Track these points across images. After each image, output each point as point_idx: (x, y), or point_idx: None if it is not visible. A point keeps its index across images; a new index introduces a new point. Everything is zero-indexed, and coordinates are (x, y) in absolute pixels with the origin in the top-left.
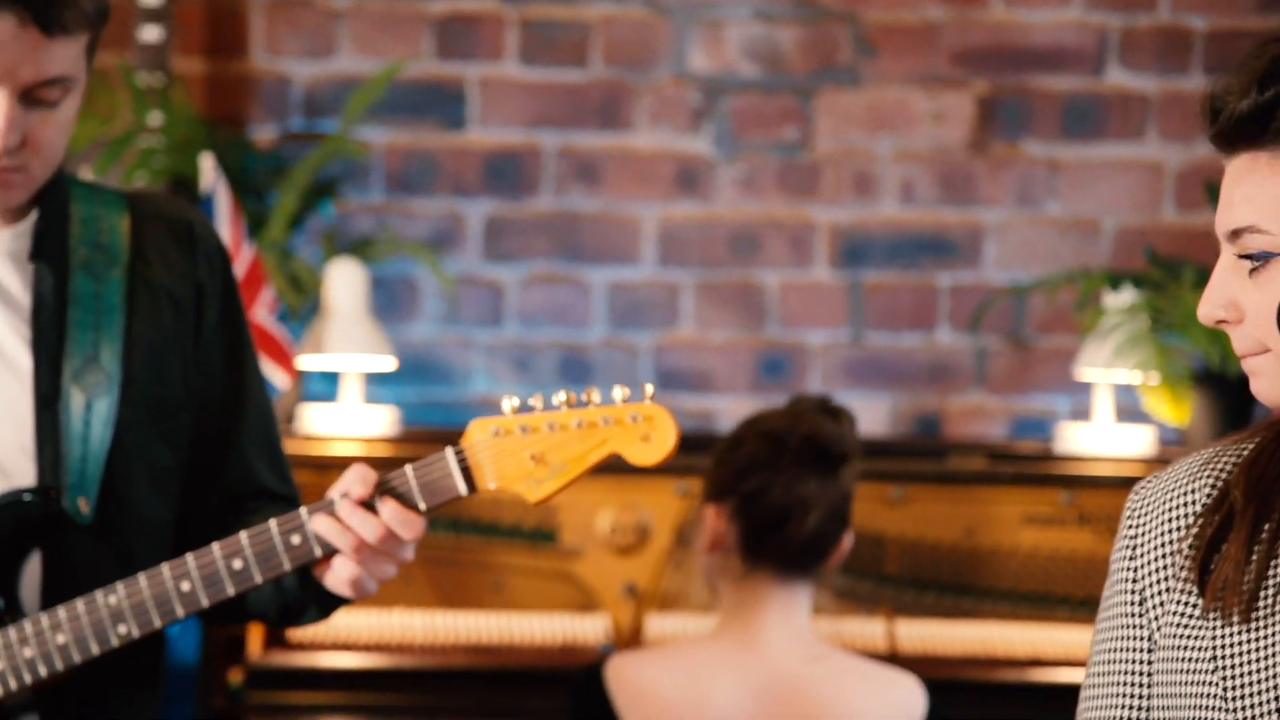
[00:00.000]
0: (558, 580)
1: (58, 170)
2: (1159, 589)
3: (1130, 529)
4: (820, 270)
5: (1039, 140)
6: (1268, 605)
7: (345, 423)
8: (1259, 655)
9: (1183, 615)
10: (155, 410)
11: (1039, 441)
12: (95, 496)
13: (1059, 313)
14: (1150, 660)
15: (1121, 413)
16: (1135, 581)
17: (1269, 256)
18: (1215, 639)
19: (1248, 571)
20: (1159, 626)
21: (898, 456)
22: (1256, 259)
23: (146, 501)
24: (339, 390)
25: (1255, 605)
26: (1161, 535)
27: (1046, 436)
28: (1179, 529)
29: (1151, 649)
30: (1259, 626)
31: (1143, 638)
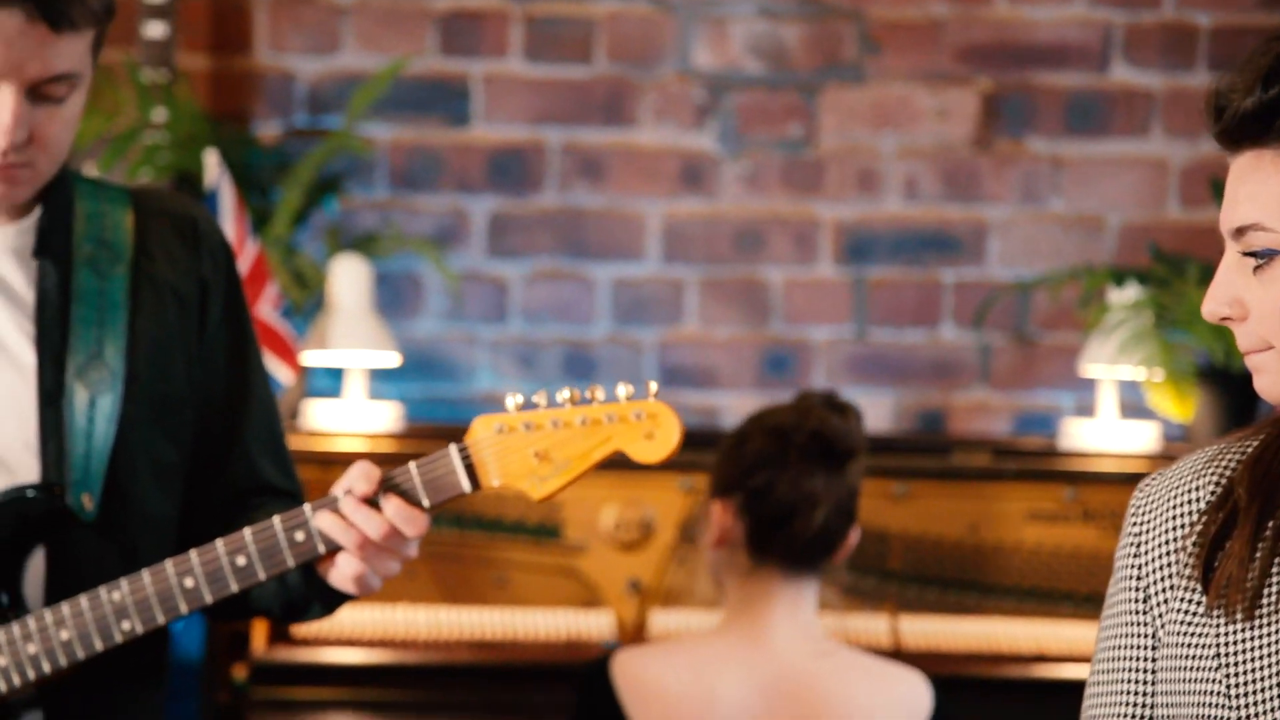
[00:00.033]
0: (562, 576)
1: (62, 166)
2: (1163, 586)
3: (1135, 526)
4: (824, 267)
5: (1043, 137)
6: (1271, 602)
7: (349, 419)
8: (1263, 653)
9: (1187, 613)
10: (159, 406)
11: (1043, 438)
12: (99, 493)
13: (1063, 309)
14: (1154, 657)
15: (1126, 409)
16: (1139, 579)
17: (1273, 254)
18: (1219, 636)
19: (1251, 569)
20: (1163, 624)
21: (902, 453)
22: (1261, 256)
23: (150, 498)
24: (343, 386)
25: (1259, 602)
26: (1166, 533)
27: (1051, 433)
28: (1183, 526)
29: (1155, 646)
30: (1263, 624)
31: (1147, 635)
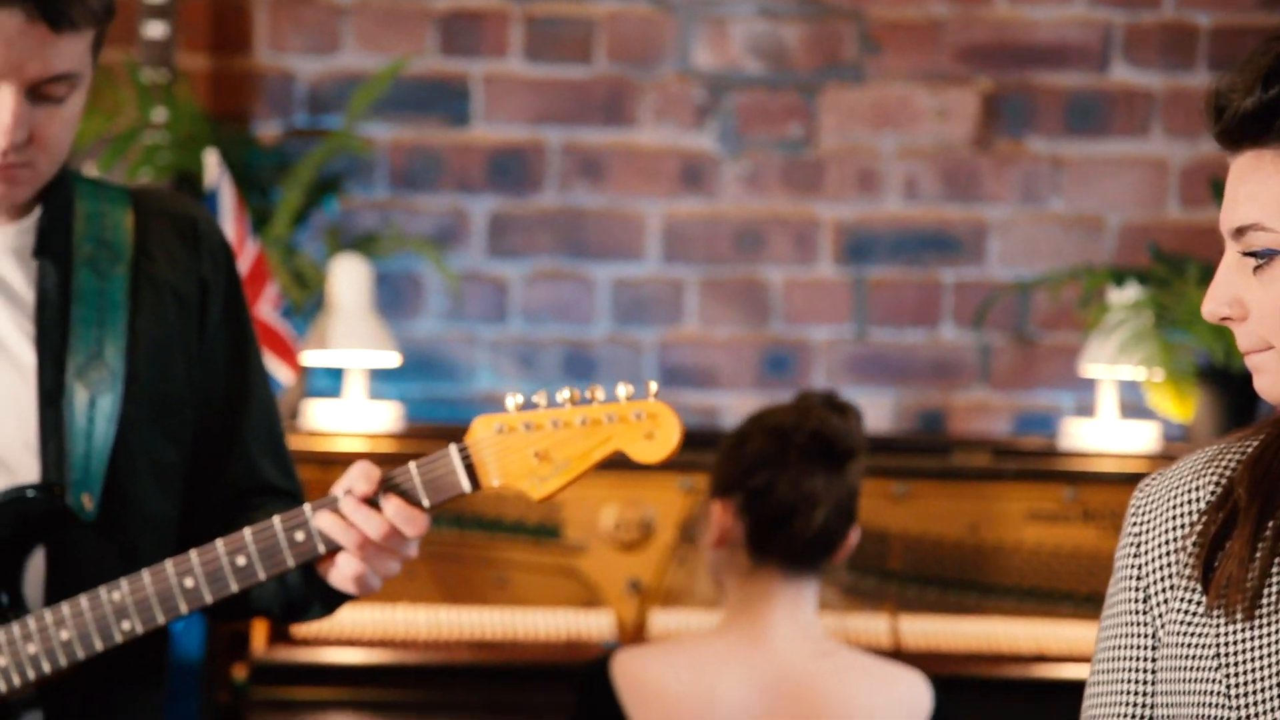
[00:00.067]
0: (562, 576)
1: (62, 166)
2: (1163, 586)
3: (1135, 526)
4: (824, 267)
5: (1043, 137)
6: (1271, 603)
7: (349, 419)
8: (1263, 653)
9: (1187, 613)
10: (159, 406)
11: (1043, 438)
12: (99, 493)
13: (1063, 309)
14: (1154, 657)
15: (1126, 409)
16: (1139, 579)
17: (1273, 254)
18: (1219, 637)
19: (1251, 569)
20: (1163, 624)
21: (902, 453)
22: (1261, 256)
23: (150, 498)
24: (343, 386)
25: (1259, 603)
26: (1166, 533)
27: (1051, 433)
28: (1183, 526)
29: (1155, 646)
30: (1263, 624)
31: (1147, 635)
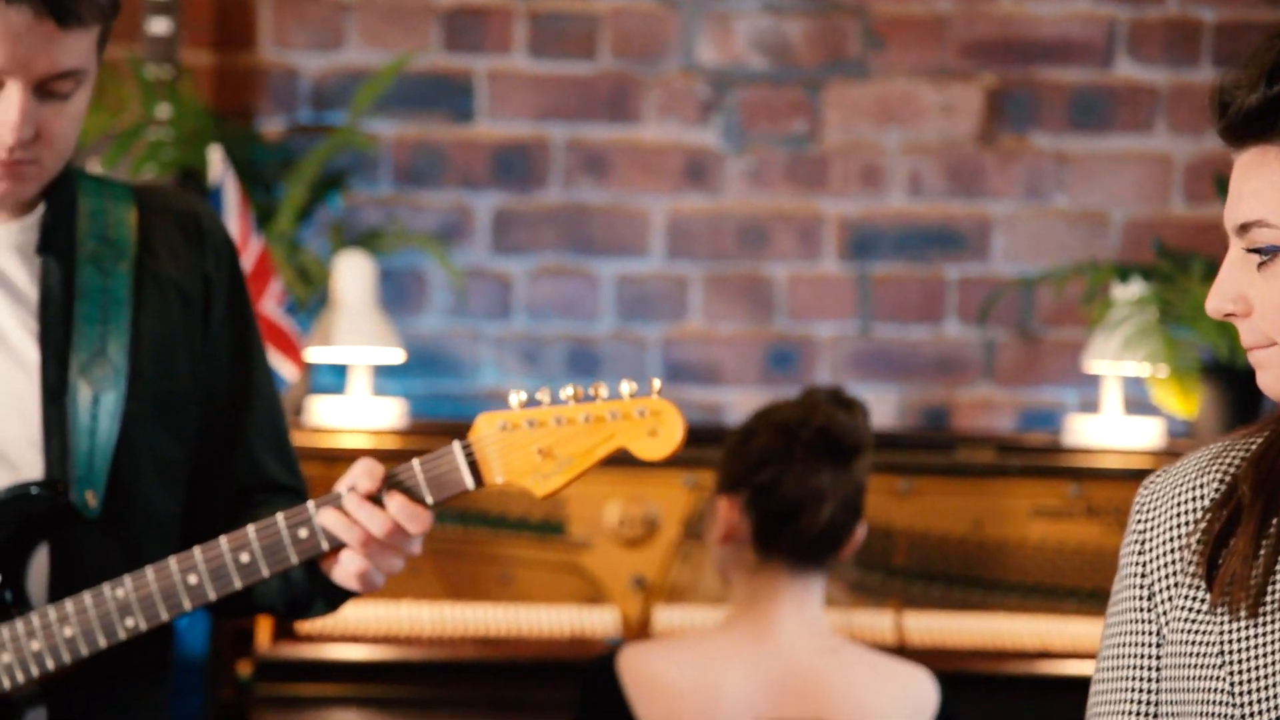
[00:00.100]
0: (566, 572)
1: (66, 163)
2: (1167, 584)
3: (1139, 524)
4: (829, 263)
5: (1047, 132)
6: (1275, 601)
7: (353, 415)
8: (1266, 651)
9: (1191, 610)
10: (163, 403)
11: (1047, 434)
12: (103, 490)
13: (1067, 305)
14: (1159, 656)
15: (1130, 405)
16: (1144, 576)
17: (1277, 250)
18: (1223, 634)
19: (1255, 566)
20: (1167, 622)
21: (906, 449)
22: (1265, 253)
23: (154, 495)
24: (347, 383)
25: (1263, 600)
26: (1170, 530)
27: (1055, 429)
28: (1187, 524)
29: (1160, 644)
30: (1266, 622)
31: (1151, 633)
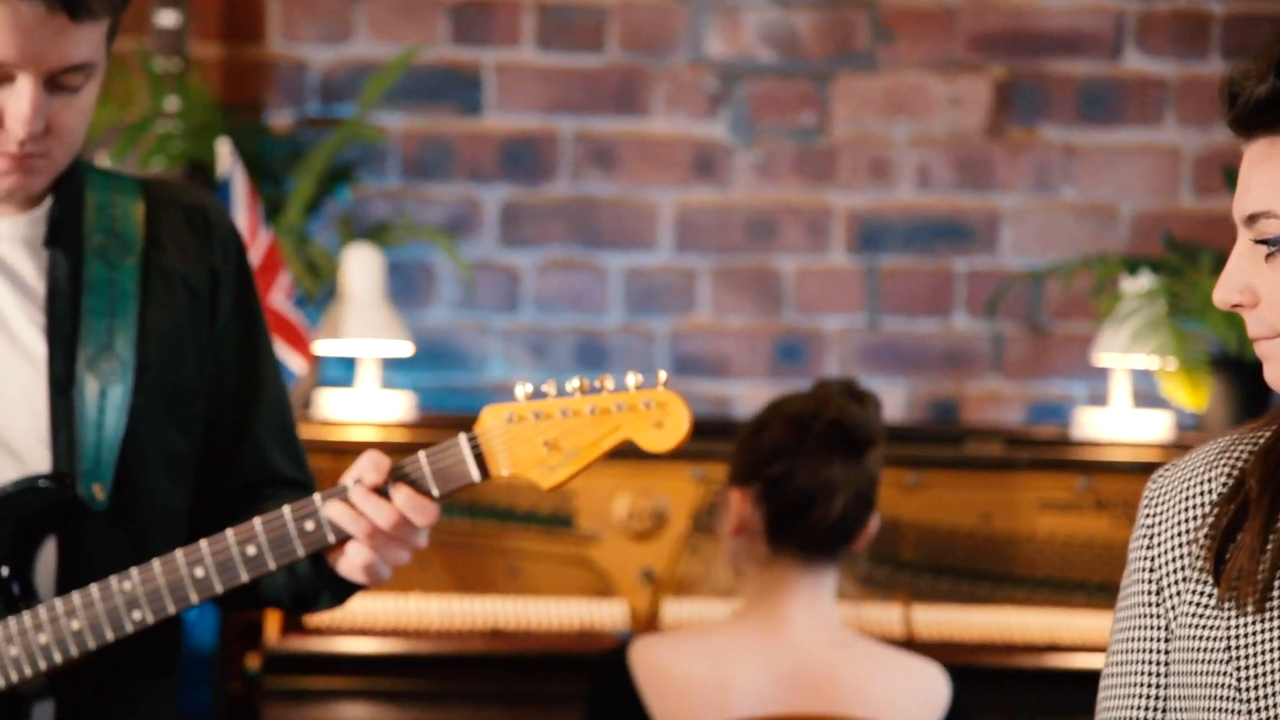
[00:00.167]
0: (574, 565)
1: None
2: (1176, 578)
3: (1147, 518)
4: (837, 255)
5: (1056, 125)
6: None
7: (362, 408)
8: (1272, 646)
9: (1198, 605)
10: (170, 397)
11: (1056, 427)
12: (110, 483)
13: (1076, 298)
14: (1167, 650)
15: (1139, 398)
16: (1152, 571)
17: None
18: (1230, 629)
19: (1262, 561)
20: (1175, 616)
21: (914, 442)
22: (1273, 244)
23: (161, 488)
24: (356, 375)
25: (1270, 595)
26: (1178, 524)
27: (1064, 422)
28: (1195, 518)
29: (1169, 639)
30: (1273, 617)
31: (1160, 627)
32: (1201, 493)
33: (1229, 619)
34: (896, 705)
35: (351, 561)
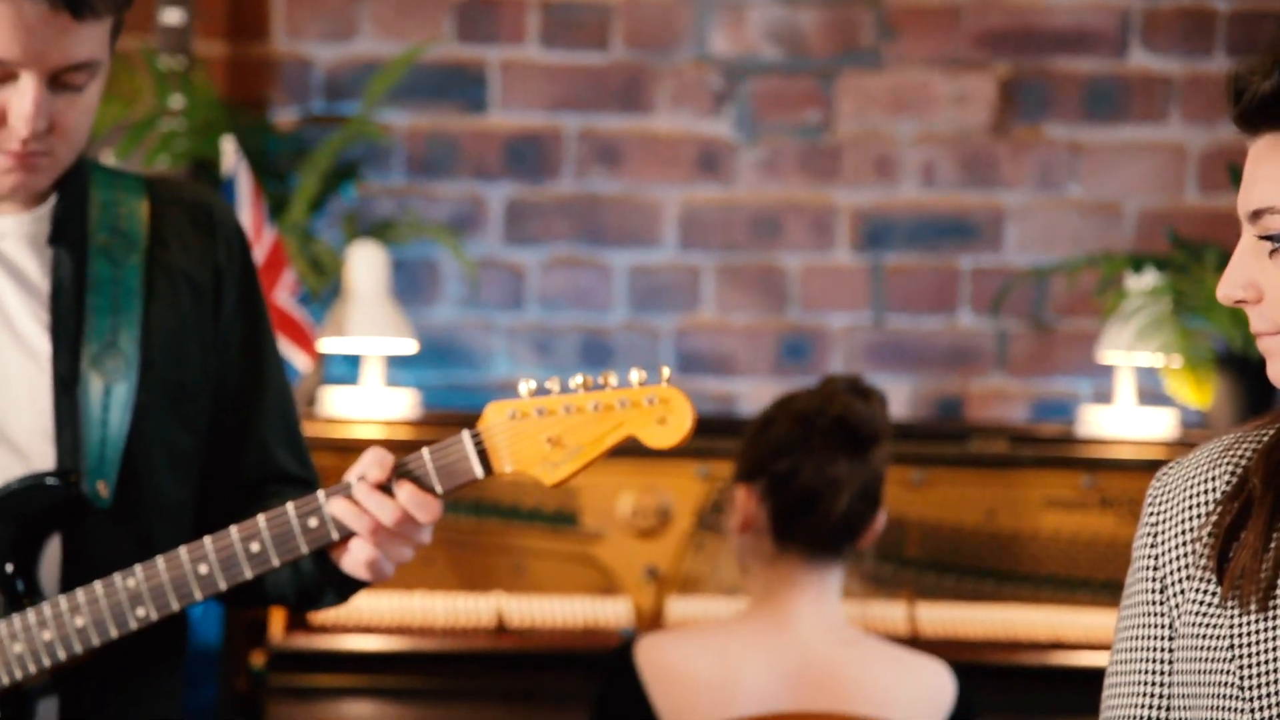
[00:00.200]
0: (579, 563)
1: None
2: (1179, 577)
3: (1151, 516)
4: (841, 253)
5: (1061, 122)
6: None
7: (366, 406)
8: (1275, 645)
9: (1202, 603)
10: (174, 394)
11: (1061, 424)
12: (114, 480)
13: (1081, 295)
14: (1171, 648)
15: (1144, 396)
16: (1156, 569)
17: None
18: (1233, 628)
19: (1265, 560)
20: (1179, 615)
21: (919, 440)
22: (1277, 240)
23: (165, 485)
24: (360, 373)
25: (1273, 594)
26: (1182, 523)
27: (1068, 419)
28: (1199, 516)
29: (1173, 638)
30: (1276, 615)
31: (1163, 626)
32: (1205, 491)
33: (1232, 617)
34: (902, 703)
35: (355, 558)
